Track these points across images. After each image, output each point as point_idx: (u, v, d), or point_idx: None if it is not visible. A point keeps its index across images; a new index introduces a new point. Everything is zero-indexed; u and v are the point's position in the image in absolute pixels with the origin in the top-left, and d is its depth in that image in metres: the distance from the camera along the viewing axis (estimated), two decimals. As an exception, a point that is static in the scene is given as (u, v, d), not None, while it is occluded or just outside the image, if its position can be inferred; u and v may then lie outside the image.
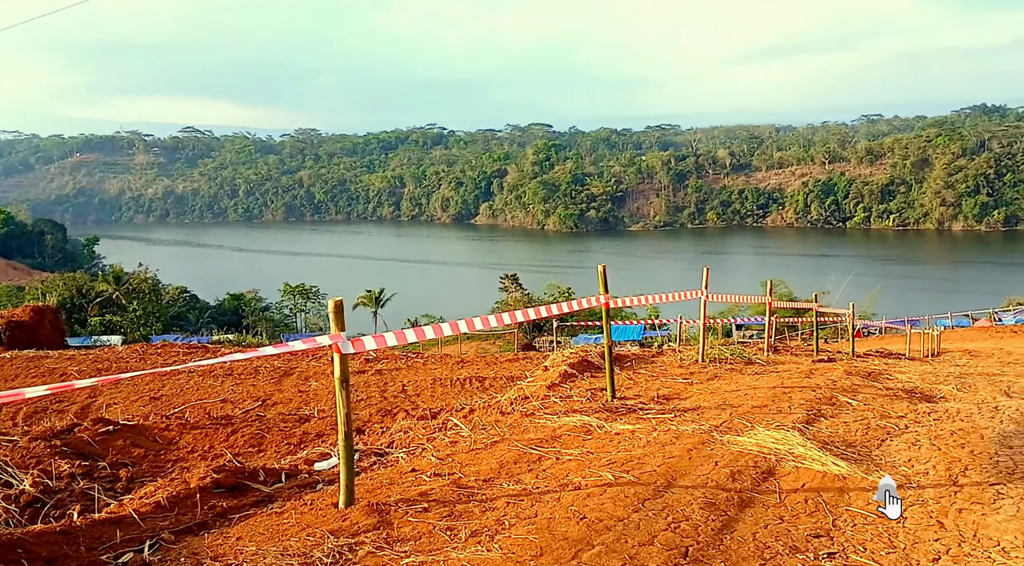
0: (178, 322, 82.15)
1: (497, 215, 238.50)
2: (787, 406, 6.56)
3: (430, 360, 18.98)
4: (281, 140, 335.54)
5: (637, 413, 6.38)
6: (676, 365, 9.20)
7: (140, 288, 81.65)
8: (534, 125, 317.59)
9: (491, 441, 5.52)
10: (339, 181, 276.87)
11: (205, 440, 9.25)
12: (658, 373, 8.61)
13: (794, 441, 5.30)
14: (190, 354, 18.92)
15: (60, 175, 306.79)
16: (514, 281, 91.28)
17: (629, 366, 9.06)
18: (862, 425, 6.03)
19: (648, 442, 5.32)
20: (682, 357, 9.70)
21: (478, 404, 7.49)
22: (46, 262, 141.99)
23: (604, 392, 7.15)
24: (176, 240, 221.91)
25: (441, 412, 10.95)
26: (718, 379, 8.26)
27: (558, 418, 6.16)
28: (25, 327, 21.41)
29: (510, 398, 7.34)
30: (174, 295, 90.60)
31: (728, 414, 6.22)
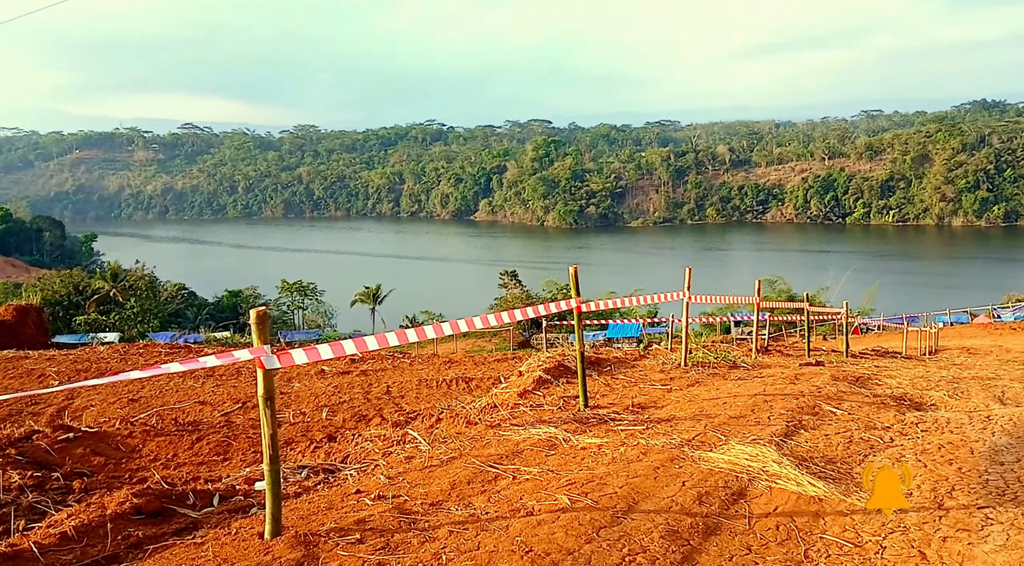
0: (176, 319, 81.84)
1: (497, 211, 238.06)
2: (766, 416, 6.21)
3: (417, 360, 18.64)
4: (280, 136, 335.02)
5: (608, 424, 6.04)
6: (657, 370, 8.85)
7: (137, 285, 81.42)
8: (534, 121, 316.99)
9: (448, 457, 5.18)
10: (338, 177, 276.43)
11: (169, 448, 8.91)
12: (637, 379, 8.27)
13: (769, 457, 4.96)
14: (171, 355, 18.57)
15: (59, 172, 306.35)
16: (513, 277, 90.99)
17: (608, 371, 8.72)
18: (844, 438, 5.68)
19: (613, 459, 4.98)
20: (664, 361, 9.36)
21: (444, 413, 7.14)
22: (44, 259, 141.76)
23: (578, 400, 6.82)
24: (175, 237, 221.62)
25: (418, 417, 10.62)
26: (699, 385, 7.92)
27: (524, 430, 5.82)
28: (7, 327, 21.07)
29: (479, 407, 7.00)
30: (172, 292, 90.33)
31: (703, 426, 5.88)
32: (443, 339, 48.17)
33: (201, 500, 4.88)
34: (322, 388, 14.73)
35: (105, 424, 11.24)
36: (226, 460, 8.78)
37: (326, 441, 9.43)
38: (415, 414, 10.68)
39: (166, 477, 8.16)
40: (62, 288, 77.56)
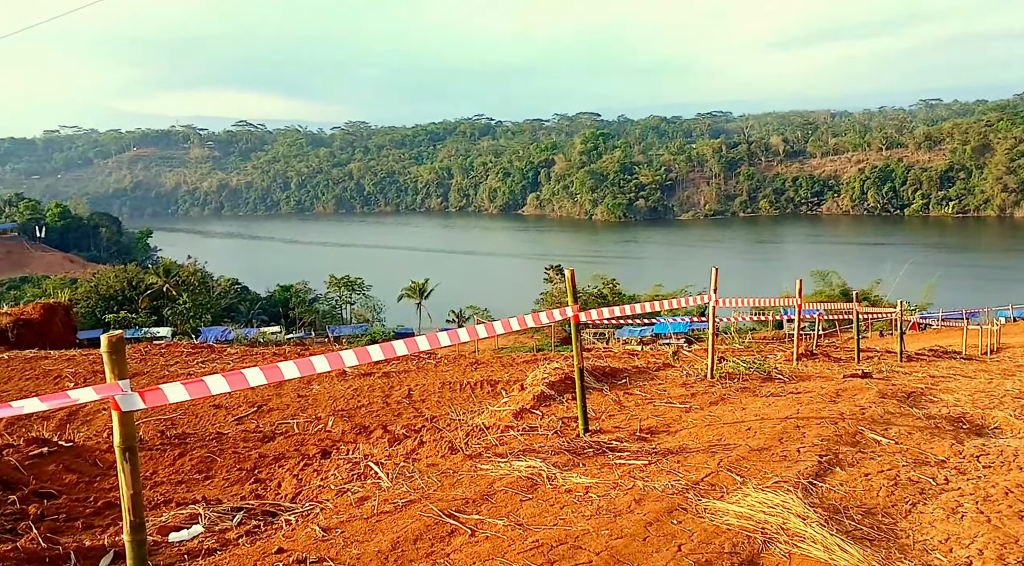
0: (229, 314, 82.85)
1: (544, 205, 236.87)
2: (796, 448, 5.25)
3: (442, 361, 17.91)
4: (332, 133, 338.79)
5: (606, 456, 5.15)
6: (679, 383, 7.90)
7: (189, 280, 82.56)
8: (582, 114, 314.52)
9: (406, 501, 4.36)
10: (388, 173, 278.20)
11: (149, 464, 8.26)
12: (653, 394, 7.34)
13: (792, 509, 4.04)
14: (193, 354, 18.13)
15: (118, 169, 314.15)
16: (559, 272, 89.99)
17: (623, 384, 7.80)
18: (888, 478, 4.71)
19: (598, 509, 4.10)
20: (688, 372, 8.39)
21: (428, 437, 6.33)
22: (101, 255, 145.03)
23: (579, 422, 5.94)
24: (230, 233, 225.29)
25: (422, 429, 9.82)
26: (723, 403, 6.96)
27: (506, 463, 4.97)
28: (33, 325, 20.91)
29: (468, 429, 6.18)
30: (225, 287, 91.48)
31: (717, 461, 4.95)
32: (484, 336, 47.55)
33: (85, 562, 4.14)
34: (341, 391, 14.08)
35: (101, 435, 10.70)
36: (208, 479, 8.12)
37: (318, 458, 8.71)
38: (420, 426, 9.92)
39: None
40: (116, 283, 79.03)
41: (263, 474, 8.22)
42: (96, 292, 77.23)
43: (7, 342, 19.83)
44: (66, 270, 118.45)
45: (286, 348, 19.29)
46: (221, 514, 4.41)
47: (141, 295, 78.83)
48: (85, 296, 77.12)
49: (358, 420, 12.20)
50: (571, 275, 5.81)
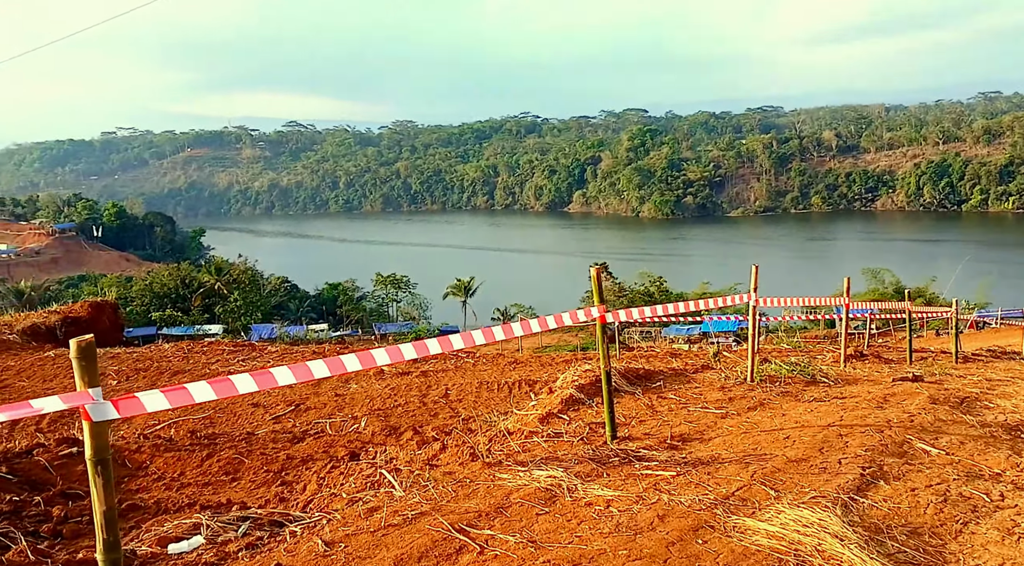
0: (279, 312, 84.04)
1: (591, 203, 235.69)
2: (836, 460, 4.91)
3: (481, 360, 17.73)
4: (379, 132, 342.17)
5: (632, 466, 4.88)
6: (717, 386, 7.56)
7: (240, 279, 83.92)
8: (629, 111, 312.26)
9: (416, 513, 4.14)
10: (435, 171, 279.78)
11: (177, 465, 8.21)
12: (689, 398, 7.01)
13: (830, 528, 3.72)
14: (235, 353, 18.23)
15: (172, 169, 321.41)
16: (604, 270, 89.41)
17: (657, 388, 7.49)
18: (937, 494, 4.35)
19: (619, 525, 3.83)
20: (727, 375, 8.03)
21: (451, 442, 6.12)
22: (156, 254, 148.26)
23: (606, 429, 5.67)
24: (280, 231, 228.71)
25: (452, 432, 9.63)
26: (761, 409, 6.61)
27: (526, 472, 4.73)
28: (82, 323, 21.20)
29: (491, 435, 5.95)
30: (275, 285, 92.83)
31: (751, 473, 4.64)
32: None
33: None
34: (379, 390, 13.99)
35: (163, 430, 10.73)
36: (235, 480, 8.02)
37: (346, 460, 8.57)
38: (451, 429, 9.73)
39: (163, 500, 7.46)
40: (170, 282, 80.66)
41: (290, 476, 8.11)
42: (150, 290, 78.96)
43: (56, 340, 20.17)
44: (122, 268, 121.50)
45: (325, 346, 19.33)
46: (226, 524, 4.26)
47: (194, 293, 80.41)
48: (140, 294, 78.94)
49: (393, 420, 12.08)
50: (596, 274, 5.54)
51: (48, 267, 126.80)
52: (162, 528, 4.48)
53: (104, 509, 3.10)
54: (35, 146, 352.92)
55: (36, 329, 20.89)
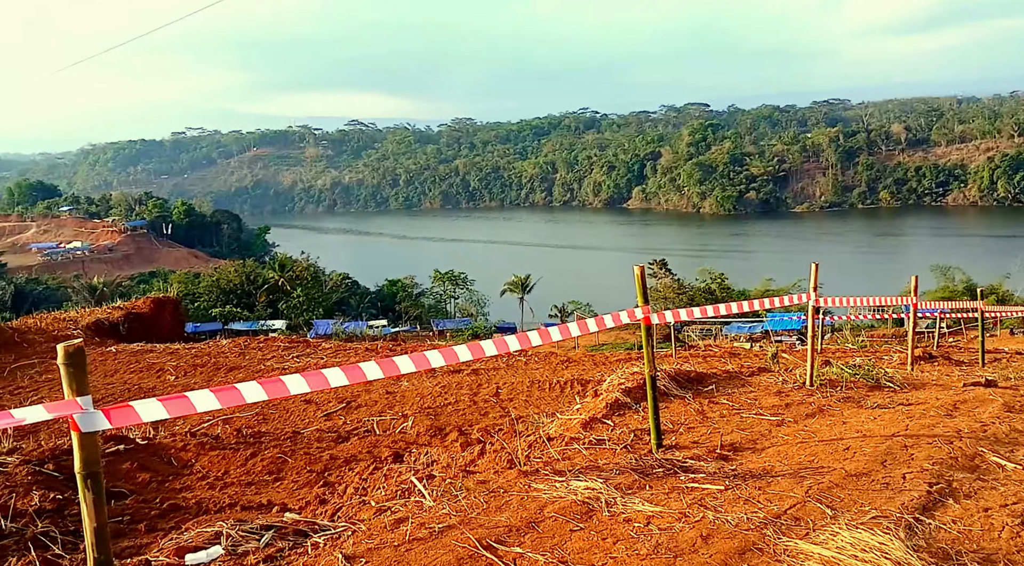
0: (340, 307, 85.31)
1: (650, 199, 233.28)
2: (900, 474, 4.52)
3: (533, 358, 17.51)
4: (439, 130, 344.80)
5: (677, 477, 4.58)
6: (774, 391, 7.16)
7: (303, 275, 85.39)
8: (690, 105, 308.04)
9: (444, 526, 3.93)
10: (493, 168, 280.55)
11: (222, 464, 8.18)
12: (742, 404, 6.65)
13: (892, 553, 3.37)
14: (290, 349, 18.36)
15: (239, 169, 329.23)
16: (663, 266, 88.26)
17: (708, 392, 7.13)
18: (1013, 515, 3.94)
19: (658, 546, 3.55)
20: (785, 378, 7.62)
21: (489, 447, 5.90)
22: (223, 251, 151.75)
23: (651, 437, 5.37)
24: (342, 229, 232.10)
25: (498, 433, 9.44)
26: (820, 416, 6.21)
27: (563, 482, 4.47)
28: (144, 319, 21.68)
29: (531, 440, 5.71)
30: (337, 281, 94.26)
31: (806, 488, 4.30)
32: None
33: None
34: (429, 388, 13.90)
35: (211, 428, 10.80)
36: (278, 480, 7.95)
37: (389, 461, 8.44)
38: (497, 427, 9.52)
39: (205, 500, 7.42)
40: (236, 278, 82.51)
41: (332, 477, 8.00)
42: (217, 287, 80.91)
43: (118, 335, 20.65)
44: (191, 265, 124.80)
45: (378, 344, 19.33)
46: (248, 533, 4.11)
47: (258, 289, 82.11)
48: (207, 290, 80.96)
49: (443, 419, 11.95)
50: (640, 272, 5.24)
51: (120, 263, 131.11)
52: (182, 538, 4.35)
53: (95, 526, 2.94)
54: (109, 146, 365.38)
55: (100, 325, 21.42)
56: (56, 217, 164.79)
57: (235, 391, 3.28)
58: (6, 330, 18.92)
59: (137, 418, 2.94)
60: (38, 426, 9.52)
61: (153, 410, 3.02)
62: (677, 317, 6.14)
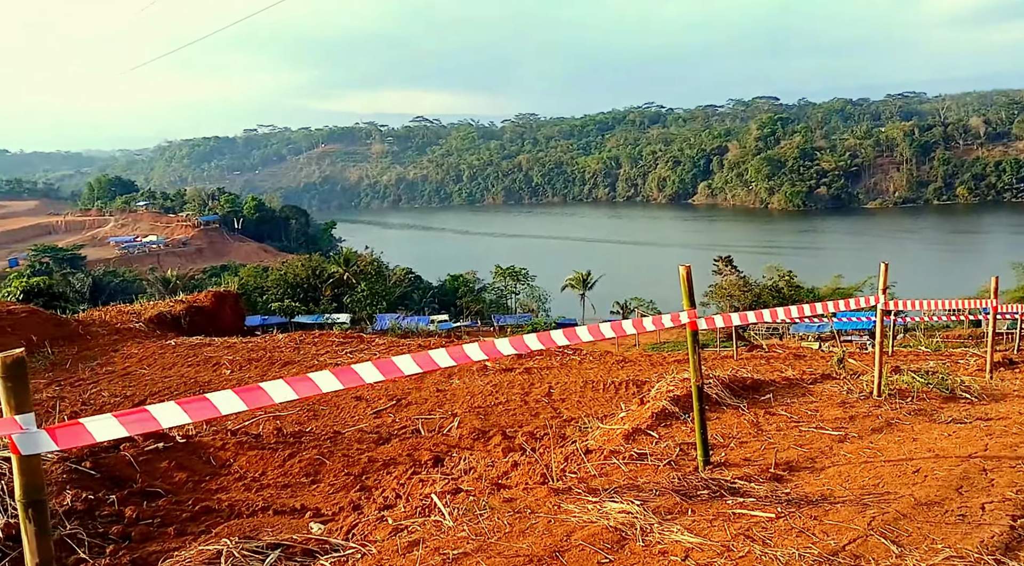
0: (403, 302, 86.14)
1: (716, 194, 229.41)
2: (979, 505, 4.00)
3: (588, 358, 17.10)
4: (502, 126, 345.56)
5: (724, 501, 4.14)
6: (837, 401, 6.62)
7: (366, 270, 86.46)
8: (759, 99, 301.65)
9: (459, 552, 3.59)
10: (556, 164, 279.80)
11: (259, 464, 8.02)
12: (802, 415, 6.14)
13: (967, 605, 2.90)
14: (344, 345, 18.31)
15: (308, 165, 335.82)
16: (728, 263, 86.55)
17: (765, 401, 6.62)
18: (1116, 560, 3.41)
19: (693, 585, 3.14)
20: (850, 387, 7.05)
21: (525, 459, 5.54)
22: (291, 245, 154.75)
23: (698, 452, 4.93)
24: (406, 224, 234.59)
25: (544, 437, 9.11)
26: (888, 431, 5.67)
27: (596, 504, 4.09)
28: (205, 312, 21.99)
29: (568, 452, 5.34)
30: (400, 276, 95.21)
31: (868, 519, 3.82)
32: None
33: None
34: (480, 386, 13.64)
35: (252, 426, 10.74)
36: (315, 483, 7.75)
37: (428, 465, 8.17)
38: (544, 432, 9.17)
39: (238, 503, 7.24)
40: (302, 272, 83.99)
41: (370, 480, 7.76)
42: (284, 280, 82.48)
43: (180, 328, 20.99)
44: (260, 259, 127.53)
45: (431, 341, 19.17)
46: (253, 552, 3.85)
47: (324, 283, 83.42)
48: (275, 284, 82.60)
49: (492, 420, 11.68)
50: (686, 273, 4.80)
51: (193, 257, 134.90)
52: (183, 555, 4.11)
53: (36, 562, 2.61)
54: (184, 143, 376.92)
55: (162, 318, 21.81)
56: (133, 212, 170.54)
57: (206, 402, 2.99)
58: (71, 322, 19.35)
59: (89, 438, 2.66)
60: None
61: (107, 428, 2.73)
62: (728, 322, 5.67)
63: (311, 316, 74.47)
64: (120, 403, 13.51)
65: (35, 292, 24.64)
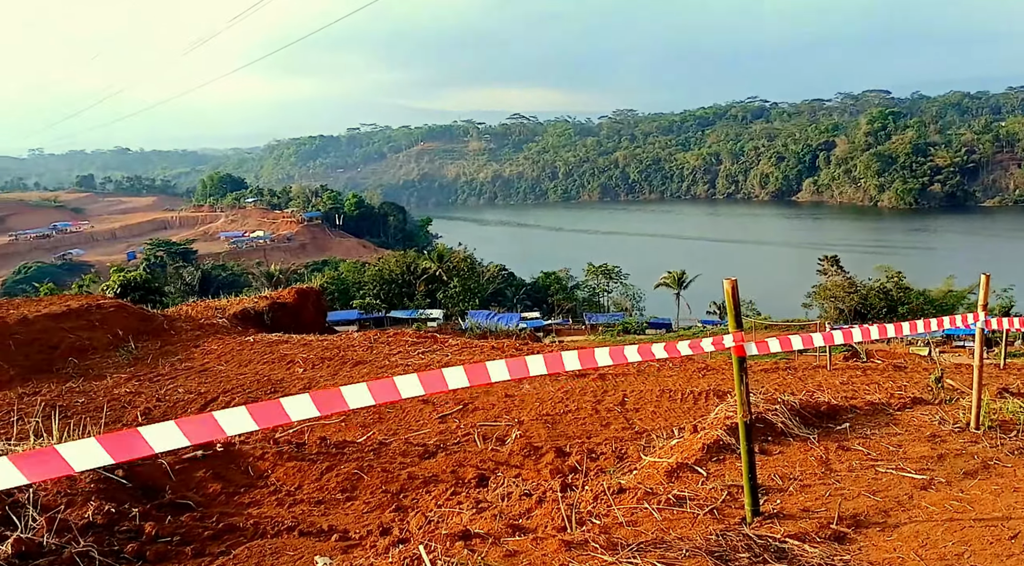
0: (496, 298, 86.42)
1: (822, 191, 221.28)
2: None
3: (668, 364, 16.30)
4: (599, 122, 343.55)
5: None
6: (927, 432, 5.70)
7: (459, 266, 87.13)
8: (869, 92, 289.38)
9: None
10: (653, 160, 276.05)
11: (296, 476, 7.68)
12: (881, 451, 5.28)
13: None
14: (416, 345, 18.07)
15: (407, 162, 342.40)
16: (834, 263, 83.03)
17: (840, 433, 5.77)
18: None
19: None
20: (943, 417, 6.10)
21: (550, 495, 4.92)
22: (389, 241, 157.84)
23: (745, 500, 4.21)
24: (501, 221, 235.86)
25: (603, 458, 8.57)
26: (985, 474, 4.76)
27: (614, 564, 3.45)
28: (288, 309, 22.21)
29: (597, 491, 4.70)
30: (493, 272, 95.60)
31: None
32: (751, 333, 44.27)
33: None
34: (551, 393, 13.14)
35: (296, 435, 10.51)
36: (350, 499, 7.34)
37: (473, 484, 7.66)
38: (601, 452, 8.53)
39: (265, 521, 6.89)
40: (397, 268, 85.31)
41: (407, 500, 7.31)
42: (380, 276, 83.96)
43: (262, 324, 21.25)
44: (359, 254, 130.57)
45: (505, 342, 18.68)
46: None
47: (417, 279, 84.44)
48: (371, 279, 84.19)
49: (560, 429, 11.17)
50: (731, 288, 4.09)
51: (297, 252, 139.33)
52: None
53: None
54: (291, 142, 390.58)
55: (246, 313, 22.14)
56: (242, 208, 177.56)
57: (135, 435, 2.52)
58: (157, 317, 19.81)
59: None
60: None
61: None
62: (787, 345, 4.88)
63: (405, 311, 75.48)
64: (193, 400, 13.59)
65: (132, 286, 25.51)
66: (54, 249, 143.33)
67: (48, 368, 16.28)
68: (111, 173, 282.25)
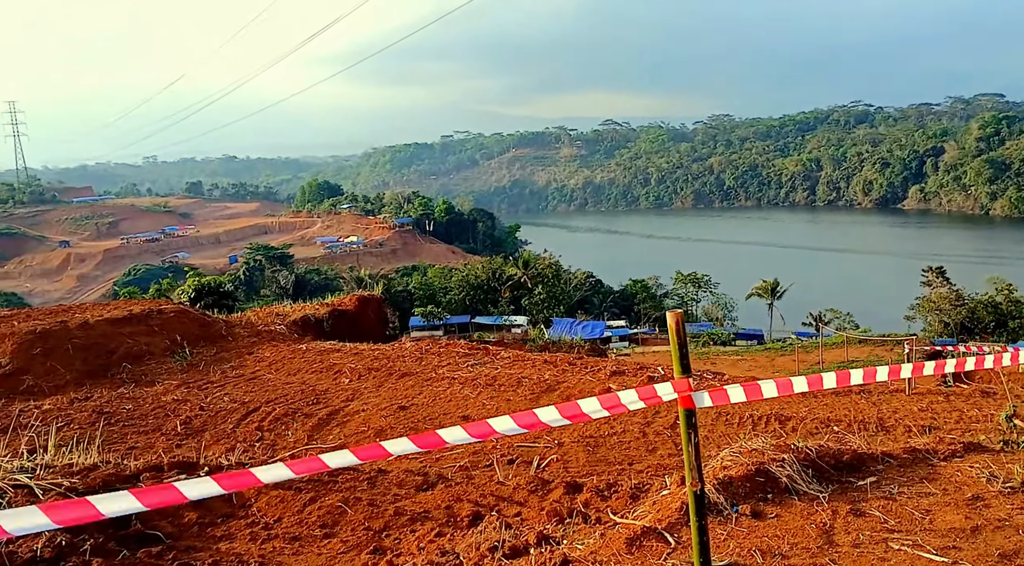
0: (582, 306, 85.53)
1: (930, 198, 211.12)
2: None
3: (730, 380, 15.16)
4: (694, 128, 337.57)
5: None
6: (968, 493, 4.70)
7: (544, 272, 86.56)
8: (981, 96, 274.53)
9: None
10: (750, 166, 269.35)
11: (279, 507, 7.15)
12: (903, 518, 4.31)
13: None
14: (467, 357, 17.50)
15: (498, 169, 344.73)
16: (939, 274, 78.56)
17: (862, 488, 4.79)
18: None
19: None
20: (992, 471, 5.03)
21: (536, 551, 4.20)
22: (477, 247, 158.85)
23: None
24: (590, 227, 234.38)
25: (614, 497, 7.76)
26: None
27: None
28: (348, 316, 22.00)
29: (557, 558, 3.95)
30: (581, 279, 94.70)
31: None
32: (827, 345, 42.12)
33: None
34: (599, 411, 12.24)
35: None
36: (328, 537, 6.75)
37: (465, 523, 6.98)
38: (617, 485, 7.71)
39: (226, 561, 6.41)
40: (482, 274, 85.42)
41: (388, 540, 6.68)
42: (466, 282, 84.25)
43: (322, 332, 21.10)
44: (448, 260, 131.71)
45: (558, 356, 17.88)
46: None
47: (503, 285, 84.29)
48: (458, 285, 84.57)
49: (601, 453, 10.46)
50: (675, 323, 3.29)
51: (388, 257, 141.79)
52: None
53: None
54: (387, 149, 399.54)
55: (306, 320, 22.02)
56: (338, 214, 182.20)
57: None
58: (216, 323, 19.86)
59: None
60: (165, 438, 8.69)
61: None
62: (787, 389, 4.01)
63: (490, 317, 75.45)
64: (235, 409, 13.38)
65: (206, 291, 25.89)
66: (162, 252, 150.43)
67: (104, 373, 16.39)
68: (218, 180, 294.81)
